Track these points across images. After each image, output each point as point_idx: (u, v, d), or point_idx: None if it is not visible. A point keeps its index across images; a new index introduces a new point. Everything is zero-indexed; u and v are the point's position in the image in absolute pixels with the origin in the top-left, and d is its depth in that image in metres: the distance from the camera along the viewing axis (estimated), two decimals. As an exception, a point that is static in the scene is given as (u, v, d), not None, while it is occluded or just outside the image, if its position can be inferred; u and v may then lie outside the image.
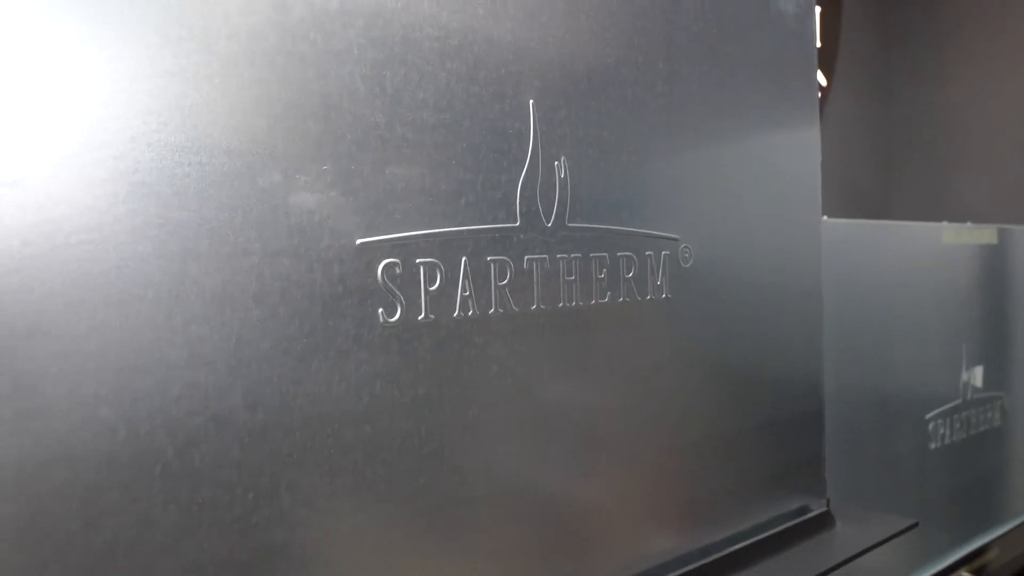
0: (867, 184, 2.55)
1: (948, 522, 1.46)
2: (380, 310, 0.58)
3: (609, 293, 0.73)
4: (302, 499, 0.54)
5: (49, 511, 0.44)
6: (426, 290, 0.60)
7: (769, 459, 0.91)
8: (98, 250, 0.46)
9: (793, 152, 0.94)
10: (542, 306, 0.68)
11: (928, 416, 1.40)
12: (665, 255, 0.78)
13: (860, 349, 1.27)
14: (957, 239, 1.47)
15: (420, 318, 0.60)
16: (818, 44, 2.18)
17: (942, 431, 1.43)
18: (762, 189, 0.90)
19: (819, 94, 1.88)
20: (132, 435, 0.47)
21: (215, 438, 0.51)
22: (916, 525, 0.98)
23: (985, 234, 1.55)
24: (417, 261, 0.60)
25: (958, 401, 1.48)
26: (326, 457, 0.55)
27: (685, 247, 0.80)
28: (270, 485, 0.53)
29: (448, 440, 0.62)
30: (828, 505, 0.98)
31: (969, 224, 1.52)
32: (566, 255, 0.70)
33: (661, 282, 0.78)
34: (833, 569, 0.86)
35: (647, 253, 0.76)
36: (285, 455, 0.53)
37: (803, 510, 0.95)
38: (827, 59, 2.25)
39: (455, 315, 0.62)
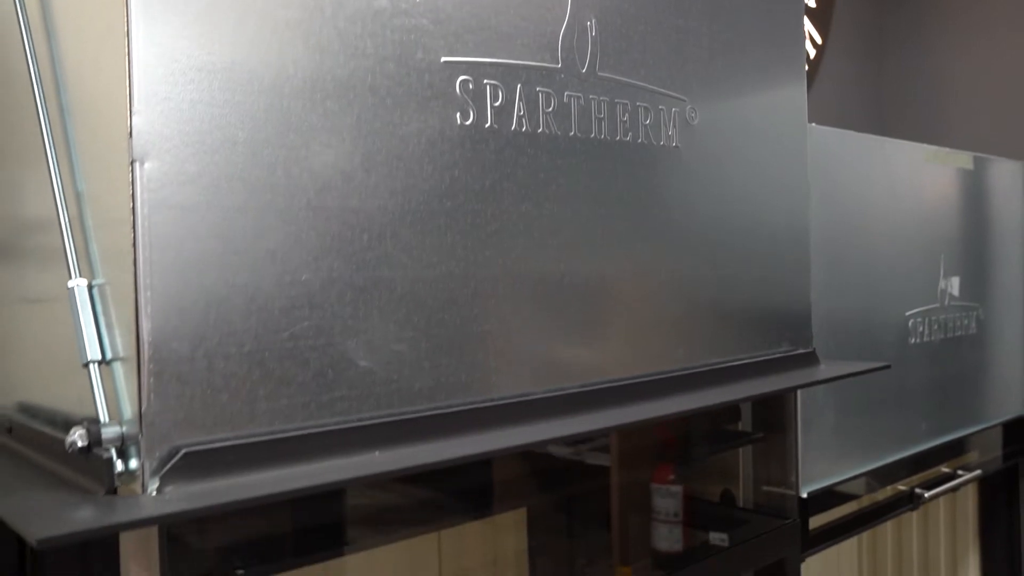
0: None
1: (926, 413, 1.62)
2: (458, 114, 0.76)
3: (630, 133, 0.90)
4: (400, 246, 0.72)
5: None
6: (491, 105, 0.78)
7: (762, 304, 1.08)
8: (267, 35, 0.64)
9: (780, 50, 1.11)
10: (578, 134, 0.85)
11: (908, 313, 1.57)
12: (675, 111, 0.96)
13: (845, 248, 1.43)
14: (935, 159, 1.64)
15: (487, 126, 0.78)
16: (812, 3, 2.34)
17: (921, 329, 1.60)
18: (754, 76, 1.07)
19: (813, 51, 2.05)
20: (287, 174, 0.65)
21: (341, 190, 0.68)
22: (888, 367, 1.15)
23: (962, 159, 1.72)
24: (485, 81, 0.78)
25: (936, 305, 1.64)
26: (418, 218, 0.73)
27: (691, 108, 0.98)
28: (379, 232, 0.70)
29: (507, 224, 0.79)
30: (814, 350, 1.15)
31: (947, 149, 1.69)
32: (596, 97, 0.87)
33: (672, 133, 0.95)
34: (812, 385, 1.03)
35: (660, 107, 0.94)
36: (390, 210, 0.71)
37: (791, 350, 1.12)
38: (823, 18, 2.42)
39: (512, 128, 0.80)
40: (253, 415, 0.63)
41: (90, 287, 0.65)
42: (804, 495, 1.33)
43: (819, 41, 2.39)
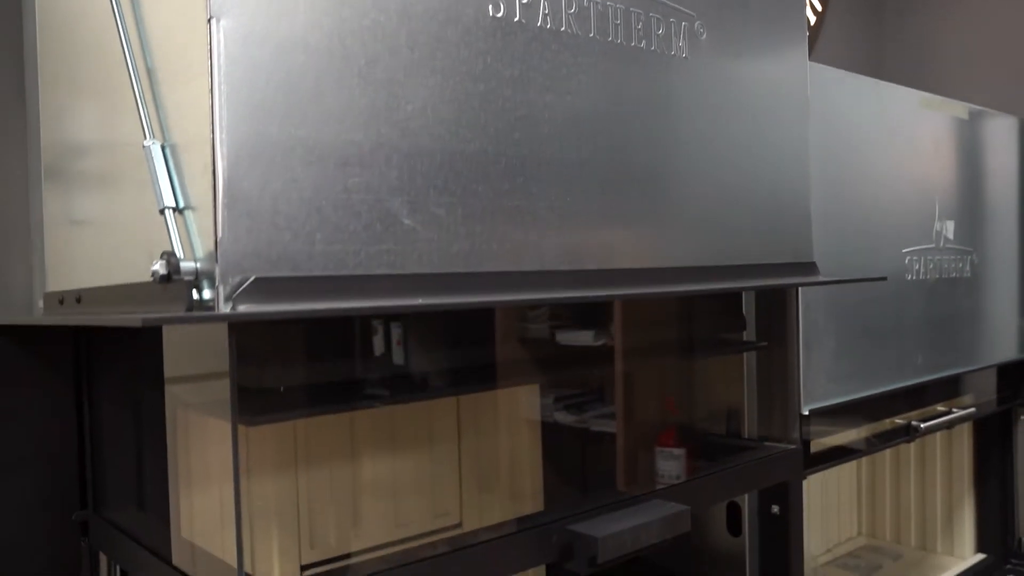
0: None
1: (922, 347, 1.69)
2: (489, 6, 0.83)
3: (644, 40, 0.98)
4: (439, 119, 0.79)
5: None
6: (519, 2, 0.86)
7: (765, 213, 1.16)
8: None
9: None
10: (597, 36, 0.93)
11: (905, 251, 1.64)
12: (684, 25, 1.03)
13: (843, 186, 1.51)
14: (930, 106, 1.71)
15: (515, 19, 0.85)
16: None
17: (917, 267, 1.67)
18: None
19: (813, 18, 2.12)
20: (342, 44, 0.73)
21: (388, 63, 0.76)
22: (884, 279, 1.22)
23: (956, 108, 1.80)
24: (513, -21, 0.85)
25: (932, 246, 1.72)
26: (455, 96, 0.80)
27: (700, 23, 1.05)
28: (421, 105, 0.78)
29: (533, 111, 0.87)
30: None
31: (942, 97, 1.76)
32: (613, 3, 0.95)
33: (682, 44, 1.03)
34: (811, 284, 1.10)
35: (671, 19, 1.01)
36: (430, 86, 0.78)
37: (793, 260, 1.19)
38: (824, -13, 2.49)
39: (538, 24, 0.87)
40: (311, 255, 0.71)
41: (163, 147, 0.73)
42: (805, 412, 1.40)
43: (819, 8, 2.46)
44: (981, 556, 2.14)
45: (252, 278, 0.66)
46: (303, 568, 1.24)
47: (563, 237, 0.89)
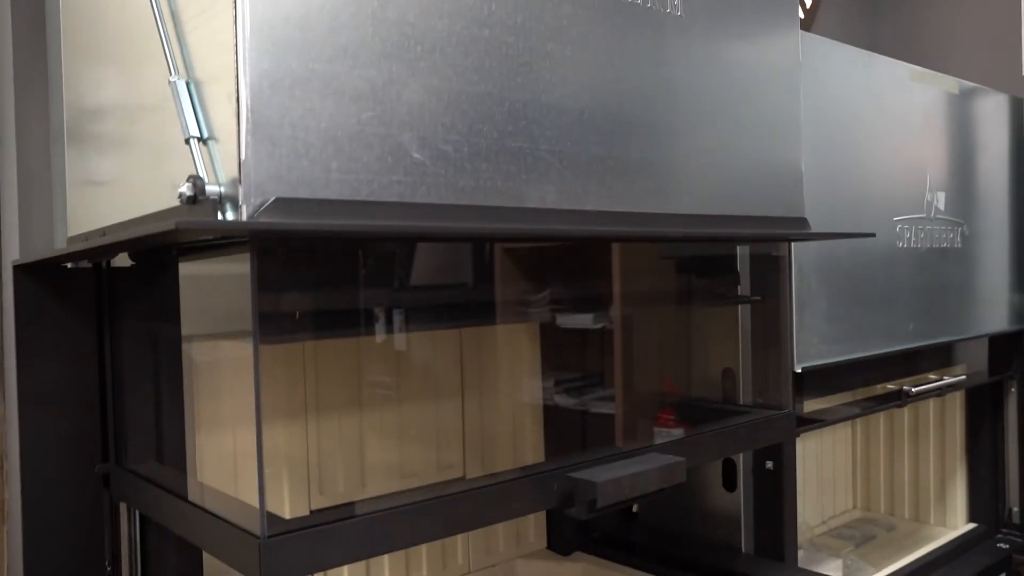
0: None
1: (913, 314, 1.74)
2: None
3: (641, -3, 1.03)
4: (447, 61, 0.84)
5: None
6: (522, -47, 0.90)
7: (757, 167, 1.20)
8: None
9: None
10: (596, -10, 0.98)
11: (896, 219, 1.69)
12: (680, -17, 1.08)
13: (834, 152, 1.55)
14: (921, 79, 1.76)
15: (519, -30, 0.90)
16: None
17: (908, 235, 1.72)
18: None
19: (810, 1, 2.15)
20: (356, -15, 0.77)
21: (400, 4, 0.80)
22: (873, 235, 1.27)
23: (947, 82, 1.84)
24: (517, -68, 0.90)
25: (923, 215, 1.76)
26: (462, 40, 0.85)
27: (695, -17, 1.10)
28: (430, 47, 0.83)
29: (535, 59, 0.92)
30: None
31: (932, 71, 1.81)
32: (612, -39, 0.99)
33: (677, 2, 1.07)
34: (803, 238, 1.14)
35: (667, -22, 1.06)
36: (439, 29, 0.83)
37: (785, 214, 1.24)
38: (820, -29, 2.54)
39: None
40: (327, 182, 0.75)
41: (187, 82, 0.78)
42: (798, 370, 1.45)
43: (816, -8, 2.50)
44: (973, 525, 2.19)
45: (273, 198, 0.71)
46: (312, 513, 1.29)
47: (563, 179, 0.94)
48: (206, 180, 0.73)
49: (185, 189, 0.72)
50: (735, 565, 1.40)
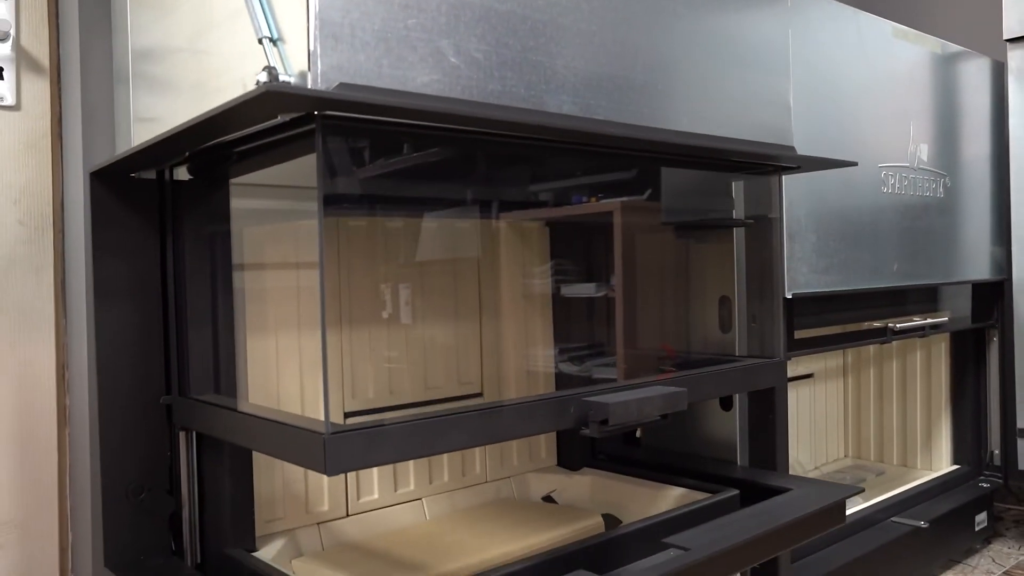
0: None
1: (898, 256, 1.87)
2: None
3: (646, -63, 1.16)
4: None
5: None
6: None
7: (747, 97, 1.33)
8: None
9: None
10: (606, -72, 1.11)
11: (880, 165, 1.82)
12: (681, -72, 1.21)
13: (820, 101, 1.68)
14: (905, 37, 1.89)
15: (539, -94, 1.03)
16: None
17: (892, 181, 1.85)
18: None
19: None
20: (403, -90, 0.91)
21: (438, -70, 0.94)
22: (855, 164, 1.40)
23: (931, 42, 1.97)
24: None
25: (907, 164, 1.89)
26: (491, -36, 0.98)
27: (694, -71, 1.23)
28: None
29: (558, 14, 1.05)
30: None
31: (916, 31, 1.94)
32: (620, -97, 1.13)
33: (678, -55, 1.21)
34: (791, 163, 1.27)
35: (669, -77, 1.19)
36: (471, -47, 0.97)
37: (775, 142, 1.37)
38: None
39: (558, -88, 1.05)
40: (380, 75, 0.89)
41: (259, -7, 0.91)
42: (789, 295, 1.58)
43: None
44: (956, 467, 2.32)
45: (338, 83, 0.84)
46: (346, 416, 1.43)
47: (577, 91, 1.07)
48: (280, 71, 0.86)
49: (263, 76, 0.85)
50: (731, 472, 1.52)
